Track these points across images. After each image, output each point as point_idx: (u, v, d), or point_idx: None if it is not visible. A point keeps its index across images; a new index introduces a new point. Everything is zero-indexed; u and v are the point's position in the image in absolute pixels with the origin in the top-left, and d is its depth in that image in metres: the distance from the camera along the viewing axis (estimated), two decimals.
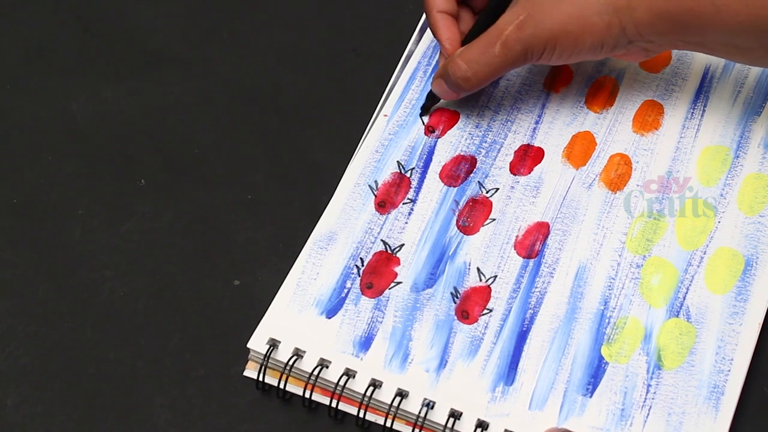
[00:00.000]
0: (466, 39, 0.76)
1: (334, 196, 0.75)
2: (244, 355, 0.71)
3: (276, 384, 0.69)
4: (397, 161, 0.76)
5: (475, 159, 0.76)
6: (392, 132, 0.78)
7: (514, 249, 0.73)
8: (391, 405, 0.68)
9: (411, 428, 0.68)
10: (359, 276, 0.72)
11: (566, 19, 0.71)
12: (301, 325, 0.70)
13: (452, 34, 0.76)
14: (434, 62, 0.80)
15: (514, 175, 0.76)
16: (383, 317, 0.71)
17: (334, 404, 0.68)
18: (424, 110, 0.78)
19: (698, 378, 0.69)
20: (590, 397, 0.68)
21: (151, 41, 0.84)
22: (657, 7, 0.70)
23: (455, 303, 0.71)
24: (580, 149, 0.77)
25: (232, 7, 0.85)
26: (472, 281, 0.72)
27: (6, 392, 0.70)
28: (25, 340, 0.72)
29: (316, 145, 0.79)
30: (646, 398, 0.68)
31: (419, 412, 0.68)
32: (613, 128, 0.77)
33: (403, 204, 0.75)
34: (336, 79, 0.82)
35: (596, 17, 0.71)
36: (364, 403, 0.68)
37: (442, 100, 0.78)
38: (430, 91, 0.77)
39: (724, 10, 0.68)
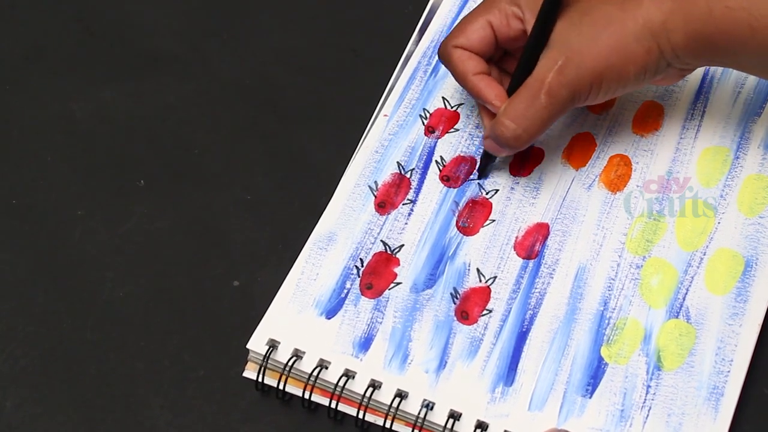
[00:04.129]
0: (507, 93, 0.72)
1: (333, 196, 0.75)
2: (244, 355, 0.71)
3: (275, 385, 0.69)
4: (397, 162, 0.76)
5: (475, 160, 0.76)
6: (392, 132, 0.77)
7: (514, 250, 0.73)
8: (390, 406, 0.68)
9: (410, 429, 0.68)
10: (359, 277, 0.72)
11: (607, 53, 0.69)
12: (300, 326, 0.70)
13: (497, 90, 0.73)
14: (434, 62, 0.80)
15: (514, 175, 0.76)
16: (383, 318, 0.71)
17: (333, 405, 0.68)
18: (481, 172, 0.75)
19: (698, 379, 0.69)
20: (590, 398, 0.68)
21: (150, 41, 0.84)
22: (692, 30, 0.68)
23: (455, 304, 0.71)
24: (580, 150, 0.77)
25: (232, 8, 0.85)
26: (472, 282, 0.72)
27: (5, 393, 0.71)
28: (25, 341, 0.72)
29: (316, 146, 0.79)
30: (645, 399, 0.68)
31: (419, 413, 0.68)
32: (613, 129, 0.77)
33: (403, 205, 0.75)
34: (336, 79, 0.82)
35: (635, 44, 0.69)
36: (364, 404, 0.68)
37: (497, 158, 0.76)
38: (485, 150, 0.75)
39: (760, 32, 0.67)
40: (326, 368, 0.69)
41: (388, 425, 0.67)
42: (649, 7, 0.69)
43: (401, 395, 0.68)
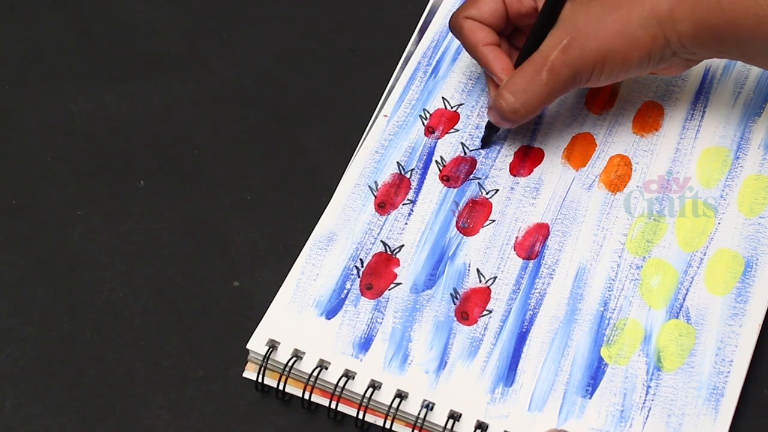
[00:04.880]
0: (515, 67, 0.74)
1: (333, 196, 0.75)
2: (244, 356, 0.71)
3: (275, 385, 0.69)
4: (397, 162, 0.76)
5: (475, 160, 0.76)
6: (392, 132, 0.77)
7: (514, 250, 0.73)
8: (390, 406, 0.68)
9: (410, 430, 0.68)
10: (359, 277, 0.72)
11: (612, 37, 0.70)
12: (300, 326, 0.70)
13: (505, 63, 0.74)
14: (434, 62, 0.80)
15: (514, 176, 0.76)
16: (383, 318, 0.71)
17: (333, 406, 0.68)
18: (485, 142, 0.77)
19: (698, 379, 0.69)
20: (590, 398, 0.68)
21: (149, 42, 0.84)
22: (699, 19, 0.69)
23: (455, 304, 0.71)
24: (580, 150, 0.77)
25: (232, 8, 0.85)
26: (472, 282, 0.72)
27: (5, 393, 0.70)
28: (25, 341, 0.72)
29: (316, 146, 0.79)
30: (645, 400, 0.68)
31: (418, 414, 0.68)
32: (613, 129, 0.77)
33: (403, 205, 0.75)
34: (336, 79, 0.82)
35: (641, 31, 0.69)
36: (364, 404, 0.68)
37: (501, 129, 0.77)
38: (489, 121, 0.75)
39: (766, 21, 0.67)
40: (326, 369, 0.69)
41: (388, 426, 0.67)
42: None
43: (401, 396, 0.68)
